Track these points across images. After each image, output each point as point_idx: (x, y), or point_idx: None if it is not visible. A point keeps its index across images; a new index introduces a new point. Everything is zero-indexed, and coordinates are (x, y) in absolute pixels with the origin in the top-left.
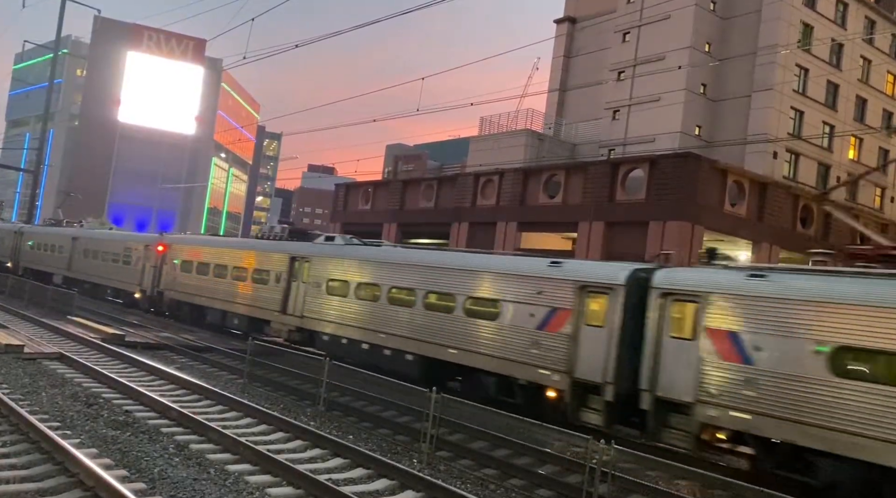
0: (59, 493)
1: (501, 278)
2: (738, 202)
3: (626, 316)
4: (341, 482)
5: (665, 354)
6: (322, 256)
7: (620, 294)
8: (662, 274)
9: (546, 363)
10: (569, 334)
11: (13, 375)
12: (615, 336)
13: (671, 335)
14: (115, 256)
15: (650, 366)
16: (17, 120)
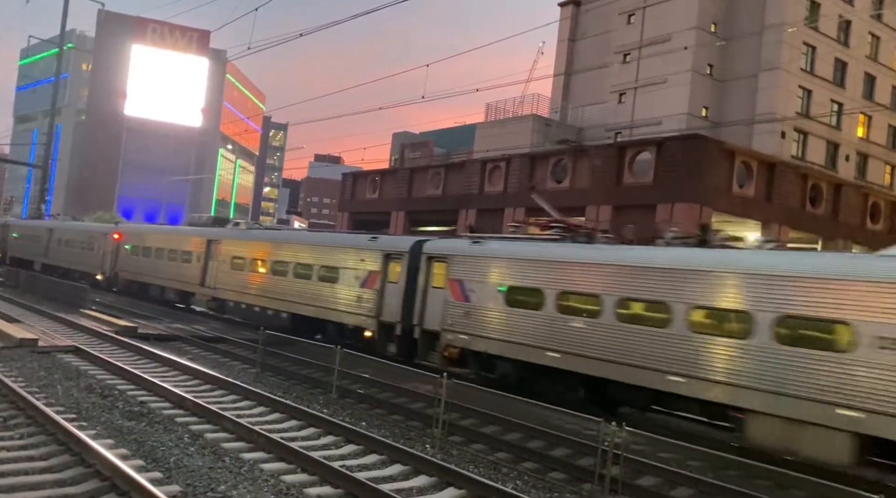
0: (78, 483)
1: (340, 251)
2: (747, 183)
3: (409, 275)
4: (355, 468)
5: (428, 299)
6: (229, 238)
7: (406, 259)
8: (429, 243)
9: (365, 312)
10: (378, 290)
11: (29, 368)
12: (403, 289)
13: (433, 286)
14: (81, 245)
15: (420, 308)
16: (25, 115)
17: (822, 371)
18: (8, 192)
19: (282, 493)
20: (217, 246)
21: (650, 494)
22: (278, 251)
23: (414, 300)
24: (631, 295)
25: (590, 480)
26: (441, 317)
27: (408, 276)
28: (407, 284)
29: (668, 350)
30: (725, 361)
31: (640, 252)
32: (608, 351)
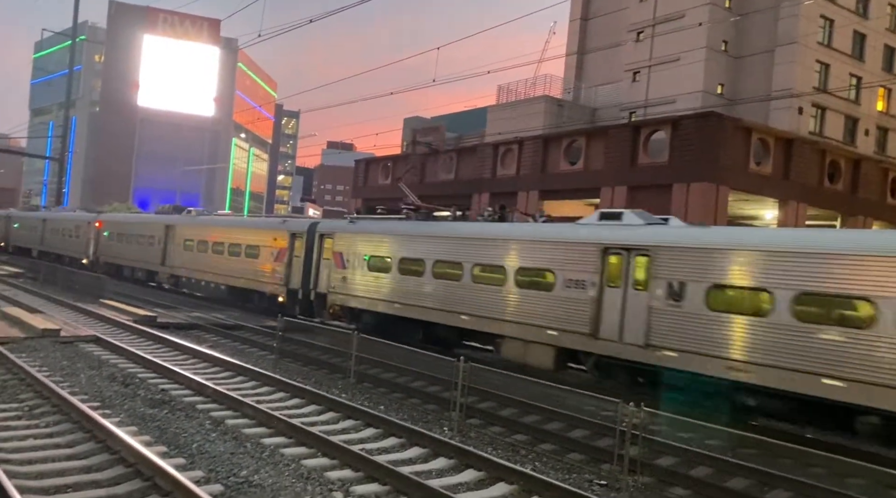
0: (103, 469)
1: (258, 232)
2: (763, 160)
3: (307, 249)
4: (374, 451)
5: (321, 268)
6: (181, 224)
7: (305, 237)
8: (321, 224)
9: (278, 281)
10: (287, 263)
11: (52, 358)
12: (303, 261)
13: (323, 258)
14: (69, 233)
15: (314, 276)
16: (40, 108)
17: (540, 305)
18: (26, 185)
19: (303, 477)
20: (172, 231)
21: (669, 473)
22: (217, 234)
23: (311, 270)
24: (443, 258)
25: (608, 461)
26: (327, 282)
27: (306, 251)
28: (306, 258)
29: (462, 297)
30: (491, 303)
31: (447, 225)
32: (431, 301)
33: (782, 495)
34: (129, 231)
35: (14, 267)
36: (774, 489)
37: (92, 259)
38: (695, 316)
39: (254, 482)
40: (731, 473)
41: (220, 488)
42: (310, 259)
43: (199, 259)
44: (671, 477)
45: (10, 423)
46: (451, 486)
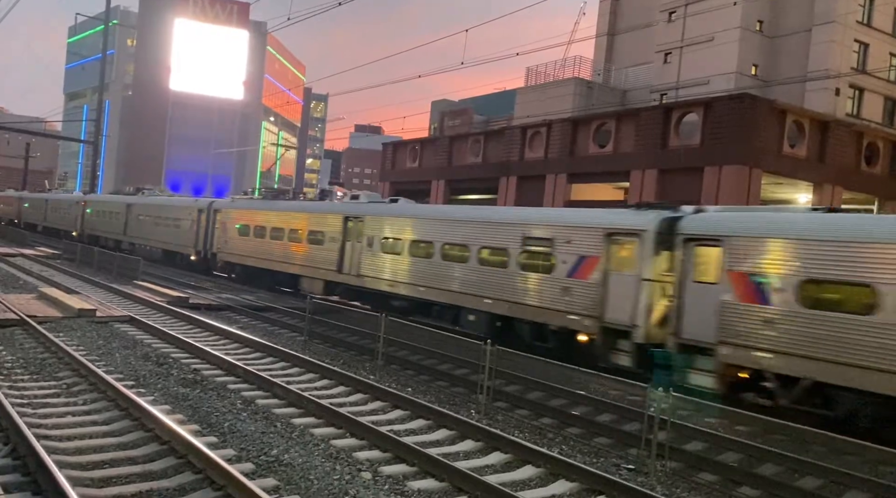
0: (138, 446)
1: (180, 210)
2: (798, 143)
3: (209, 222)
4: (402, 433)
5: (214, 234)
6: (137, 203)
7: (206, 212)
8: (216, 202)
9: (191, 245)
10: (196, 231)
11: (88, 337)
12: (203, 229)
13: (215, 227)
14: (64, 211)
15: (211, 240)
16: (75, 92)
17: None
18: (61, 168)
19: (332, 456)
20: (130, 208)
21: (698, 458)
22: (157, 211)
23: (211, 236)
24: (292, 227)
25: (636, 446)
26: (216, 244)
27: (207, 222)
28: (206, 227)
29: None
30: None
31: (295, 204)
32: (296, 260)
33: (813, 482)
34: (103, 208)
35: (51, 248)
36: (805, 476)
37: (80, 232)
38: (375, 255)
39: (284, 461)
40: (760, 459)
41: (251, 467)
42: (210, 229)
43: (145, 229)
44: (699, 462)
45: (50, 400)
46: (478, 468)
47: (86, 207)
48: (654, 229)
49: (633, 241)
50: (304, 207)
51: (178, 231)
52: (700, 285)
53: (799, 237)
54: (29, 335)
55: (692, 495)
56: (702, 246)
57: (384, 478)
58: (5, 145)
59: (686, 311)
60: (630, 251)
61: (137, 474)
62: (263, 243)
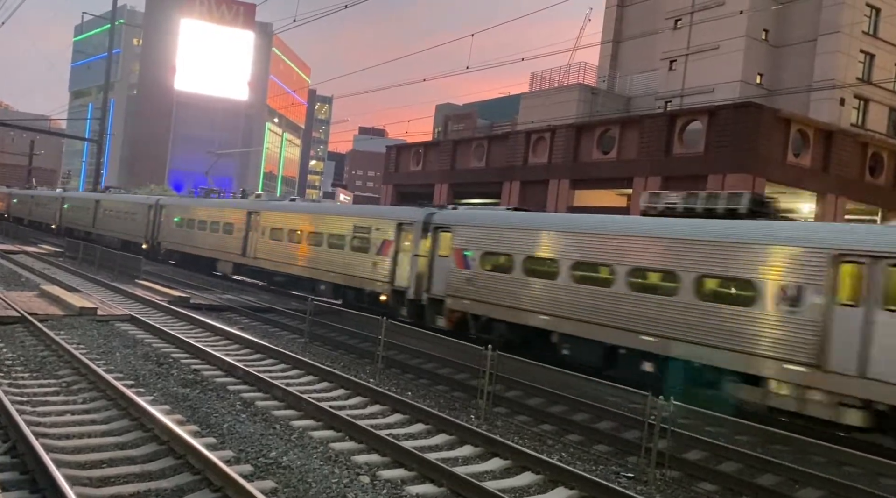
0: (137, 446)
1: (134, 206)
2: (802, 152)
3: (156, 216)
4: (402, 437)
5: (161, 226)
6: (104, 200)
7: (154, 208)
8: (163, 199)
9: (141, 234)
10: (145, 223)
11: (89, 336)
12: (151, 222)
13: (161, 221)
14: (45, 206)
15: (157, 232)
16: (80, 91)
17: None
18: (65, 166)
19: (330, 460)
20: (98, 204)
21: (697, 467)
22: (117, 206)
23: (157, 228)
24: (213, 220)
25: (636, 453)
26: (161, 234)
27: (154, 216)
28: (154, 221)
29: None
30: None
31: (216, 201)
32: (215, 247)
33: (813, 494)
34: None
35: (54, 246)
36: (805, 487)
37: (58, 225)
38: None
39: (282, 464)
40: (760, 469)
41: (249, 469)
42: (157, 221)
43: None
44: (699, 471)
45: (49, 398)
46: (477, 473)
47: (63, 203)
48: (422, 221)
49: (411, 229)
50: (221, 204)
51: (134, 224)
52: (441, 258)
53: (484, 225)
54: (30, 333)
55: None
56: (443, 231)
57: (382, 482)
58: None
59: (434, 275)
60: (409, 236)
61: (136, 474)
62: (193, 234)
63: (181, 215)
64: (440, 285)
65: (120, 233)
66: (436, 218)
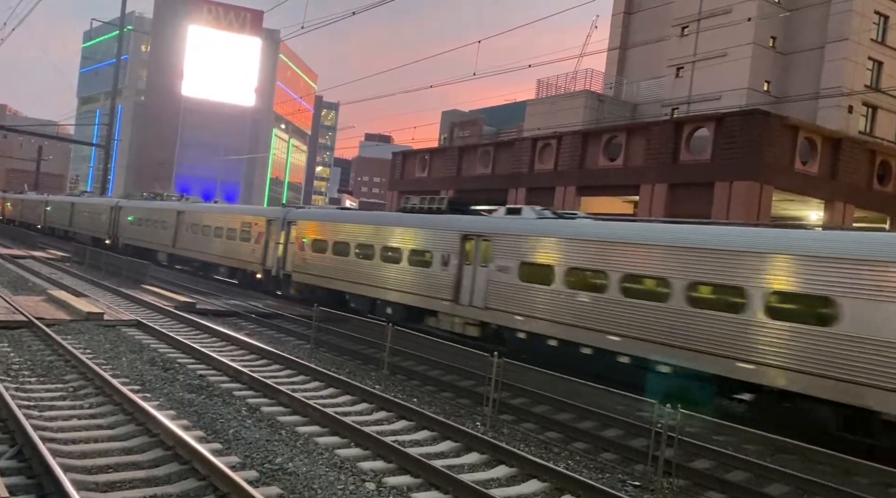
0: (143, 451)
1: (99, 207)
2: (810, 160)
3: (117, 215)
4: (407, 444)
5: (119, 224)
6: (78, 202)
7: (116, 209)
8: (122, 201)
9: (104, 231)
10: (111, 221)
11: (96, 341)
12: (113, 220)
13: (119, 218)
14: (32, 209)
15: (117, 229)
16: (88, 97)
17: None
18: (73, 171)
19: (336, 466)
20: (74, 206)
21: (705, 476)
22: (88, 208)
23: (118, 226)
24: (152, 218)
25: (643, 462)
26: (120, 231)
27: (116, 215)
28: (116, 219)
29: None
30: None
31: (155, 203)
32: (152, 239)
33: None
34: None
35: (59, 251)
36: (815, 497)
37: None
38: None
39: (288, 470)
40: (769, 478)
41: (255, 474)
42: (119, 219)
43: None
44: (707, 480)
45: (56, 403)
46: (483, 481)
47: (46, 206)
48: (282, 218)
49: (275, 223)
50: (160, 205)
51: (100, 222)
52: (291, 244)
53: (312, 220)
54: (37, 337)
55: None
56: (293, 226)
57: (388, 489)
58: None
59: (286, 257)
60: (275, 229)
61: (142, 479)
62: (140, 230)
63: (134, 214)
64: (290, 264)
65: (90, 230)
66: (289, 215)
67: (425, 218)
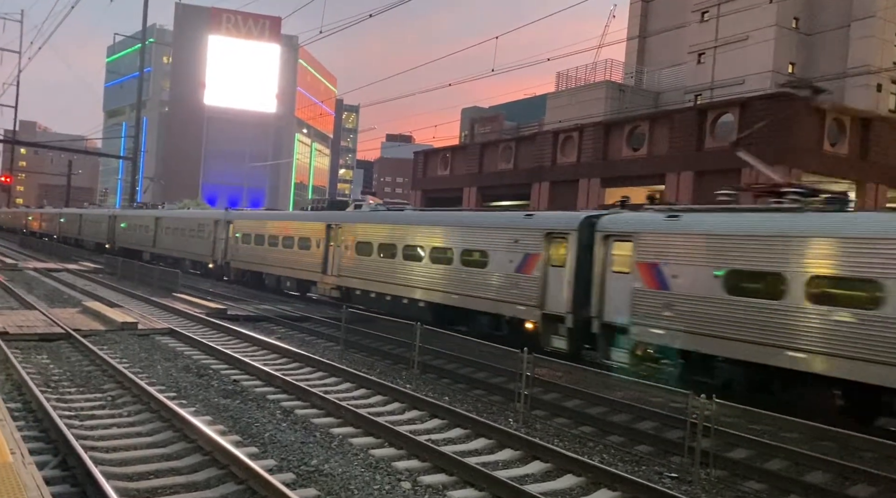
0: (182, 457)
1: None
2: (839, 141)
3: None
4: (440, 442)
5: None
6: (64, 213)
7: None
8: (231, 213)
9: (104, 236)
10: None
11: (131, 350)
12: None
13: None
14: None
15: (115, 234)
16: (114, 110)
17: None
18: (102, 184)
19: (371, 466)
20: (61, 215)
21: (743, 466)
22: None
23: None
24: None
25: (679, 454)
26: (118, 237)
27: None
28: (112, 224)
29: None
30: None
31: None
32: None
33: (865, 491)
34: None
35: (93, 263)
36: (857, 483)
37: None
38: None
39: (324, 471)
40: (809, 466)
41: (292, 477)
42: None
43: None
44: (745, 470)
45: (96, 412)
46: (518, 477)
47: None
48: (224, 219)
49: (219, 224)
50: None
51: (100, 229)
52: (232, 238)
53: (244, 218)
54: (75, 348)
55: None
56: (230, 224)
57: (424, 487)
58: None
59: (227, 250)
60: (221, 227)
61: (182, 485)
62: (132, 232)
63: (127, 221)
64: (230, 255)
65: (82, 235)
66: (228, 216)
67: (309, 214)
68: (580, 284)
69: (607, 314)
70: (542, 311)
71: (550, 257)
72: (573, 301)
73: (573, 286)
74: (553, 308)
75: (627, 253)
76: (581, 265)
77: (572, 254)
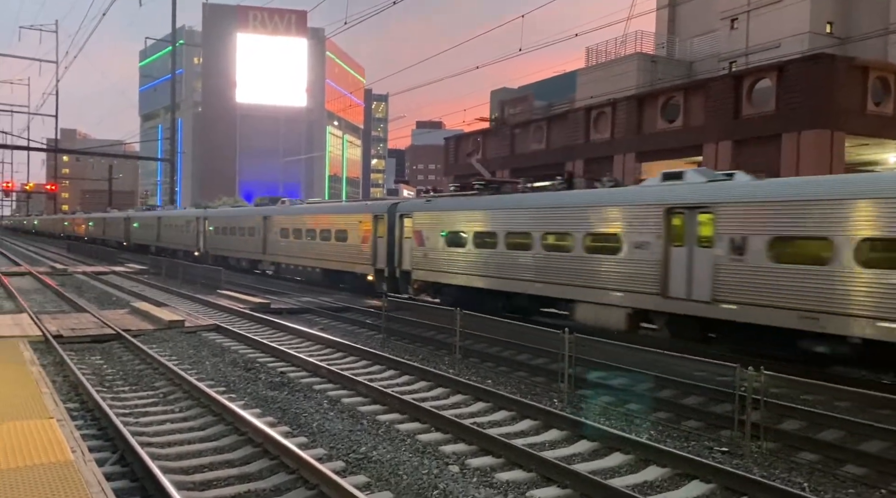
0: (234, 449)
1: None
2: (884, 100)
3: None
4: (486, 425)
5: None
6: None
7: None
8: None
9: (120, 235)
10: (122, 228)
11: (179, 347)
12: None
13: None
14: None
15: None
16: (149, 113)
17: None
18: (143, 186)
19: (419, 451)
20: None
21: (796, 438)
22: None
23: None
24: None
25: (728, 427)
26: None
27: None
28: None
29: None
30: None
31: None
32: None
33: None
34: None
35: (139, 265)
36: None
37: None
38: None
39: (373, 458)
40: (865, 435)
41: (341, 465)
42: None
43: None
44: (798, 441)
45: (149, 409)
46: (565, 457)
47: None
48: (203, 216)
49: (203, 221)
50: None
51: (119, 230)
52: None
53: (215, 217)
54: (125, 348)
55: (792, 476)
56: (206, 220)
57: (472, 470)
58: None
59: (206, 241)
60: (201, 223)
61: (235, 477)
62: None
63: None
64: (207, 245)
65: (105, 237)
66: (206, 213)
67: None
68: (391, 248)
69: (404, 265)
70: (374, 267)
71: (377, 231)
72: (387, 259)
73: (387, 249)
74: (380, 265)
75: (410, 225)
76: (391, 235)
77: (385, 229)
